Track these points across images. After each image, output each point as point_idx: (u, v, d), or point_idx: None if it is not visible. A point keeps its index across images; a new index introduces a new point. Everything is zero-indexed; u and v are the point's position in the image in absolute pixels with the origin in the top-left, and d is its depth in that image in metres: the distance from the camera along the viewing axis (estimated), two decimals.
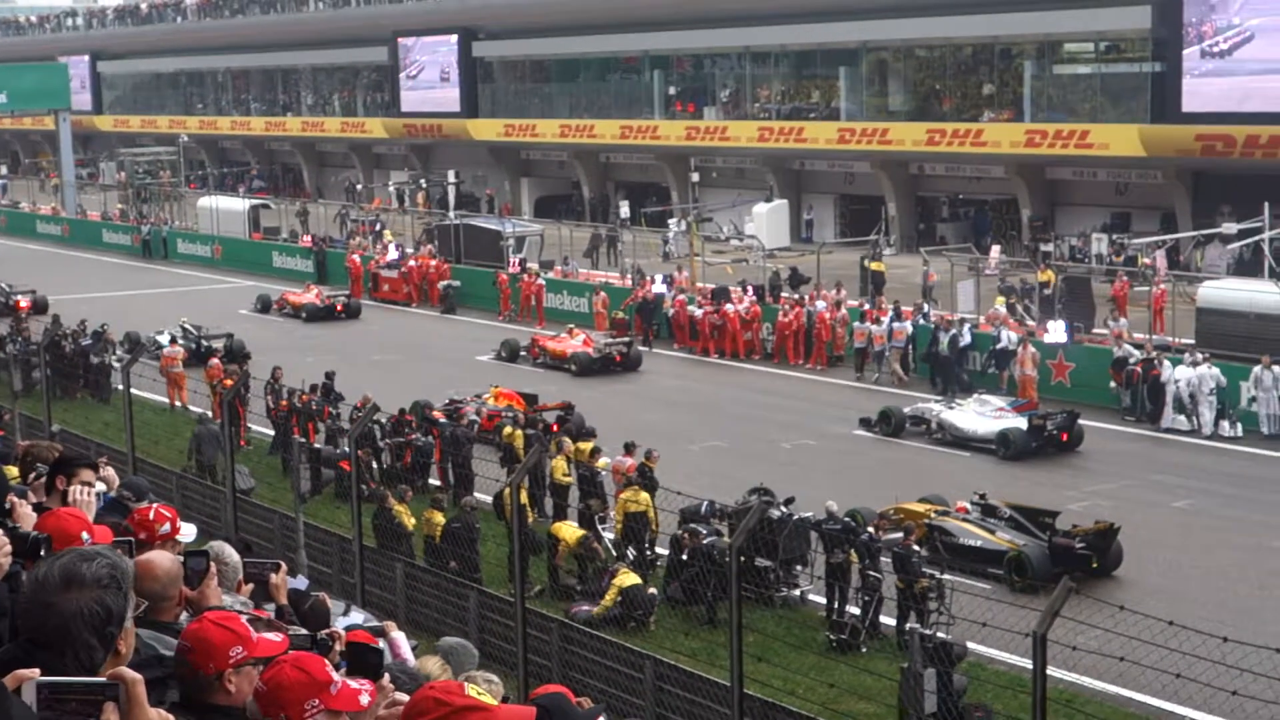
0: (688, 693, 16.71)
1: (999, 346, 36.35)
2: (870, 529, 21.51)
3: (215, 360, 35.78)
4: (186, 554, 6.51)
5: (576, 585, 22.34)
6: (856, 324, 39.30)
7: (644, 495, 23.47)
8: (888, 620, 20.51)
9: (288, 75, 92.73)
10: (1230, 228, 48.44)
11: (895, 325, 38.38)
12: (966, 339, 36.98)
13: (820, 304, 41.31)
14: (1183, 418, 32.35)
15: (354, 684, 5.29)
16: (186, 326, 42.06)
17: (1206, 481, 28.80)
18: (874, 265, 50.41)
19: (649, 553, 23.24)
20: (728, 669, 15.58)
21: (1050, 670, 13.47)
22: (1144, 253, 50.98)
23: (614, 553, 22.88)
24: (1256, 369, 31.86)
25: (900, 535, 21.13)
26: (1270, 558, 24.25)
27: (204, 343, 40.76)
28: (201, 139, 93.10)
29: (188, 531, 7.20)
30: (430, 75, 79.10)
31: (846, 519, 22.14)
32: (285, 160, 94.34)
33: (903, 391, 35.97)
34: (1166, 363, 33.10)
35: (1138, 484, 28.57)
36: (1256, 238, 45.55)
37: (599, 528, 23.71)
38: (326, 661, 5.41)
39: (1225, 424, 31.89)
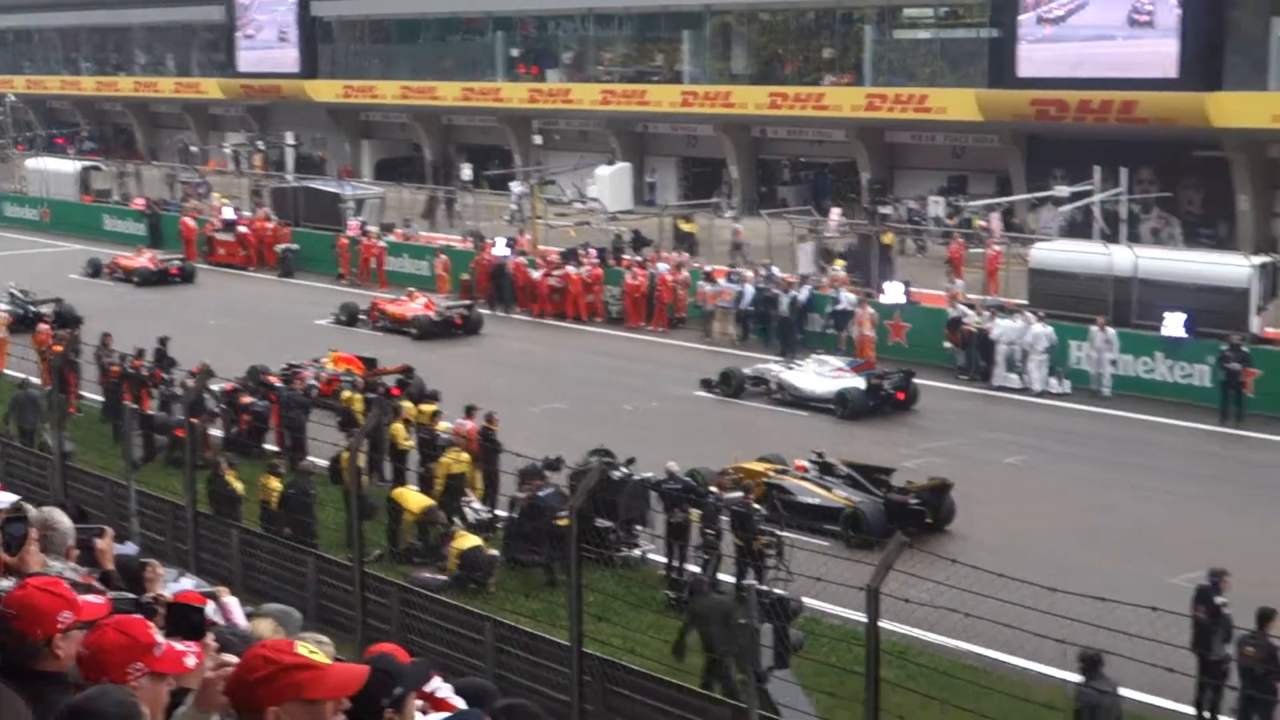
0: (528, 653, 16.73)
1: (838, 308, 36.81)
2: (711, 488, 21.67)
3: (44, 326, 35.01)
4: (4, 520, 6.37)
5: (417, 544, 22.27)
6: (703, 284, 39.63)
7: (465, 456, 23.75)
8: (726, 578, 20.68)
9: (119, 34, 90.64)
10: (1062, 190, 49.34)
11: (725, 285, 38.83)
12: (805, 300, 37.38)
13: (662, 266, 41.47)
14: (1014, 376, 33.03)
15: (180, 646, 5.21)
16: (14, 292, 41.05)
17: (1037, 438, 29.44)
18: (685, 226, 51.33)
19: (477, 512, 23.24)
20: (568, 629, 15.67)
21: (884, 623, 13.69)
22: (979, 215, 51.83)
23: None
24: (1094, 329, 32.60)
25: (740, 494, 21.30)
26: (1096, 512, 24.86)
27: (32, 308, 39.82)
28: (29, 99, 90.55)
29: None
30: (268, 35, 77.86)
31: (687, 479, 22.31)
32: (117, 121, 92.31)
33: (743, 353, 36.26)
34: (998, 321, 33.80)
35: (971, 441, 29.12)
36: (1087, 200, 46.48)
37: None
38: (151, 624, 5.33)
39: (1054, 381, 32.63)
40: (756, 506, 21.21)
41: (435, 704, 6.79)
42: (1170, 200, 51.65)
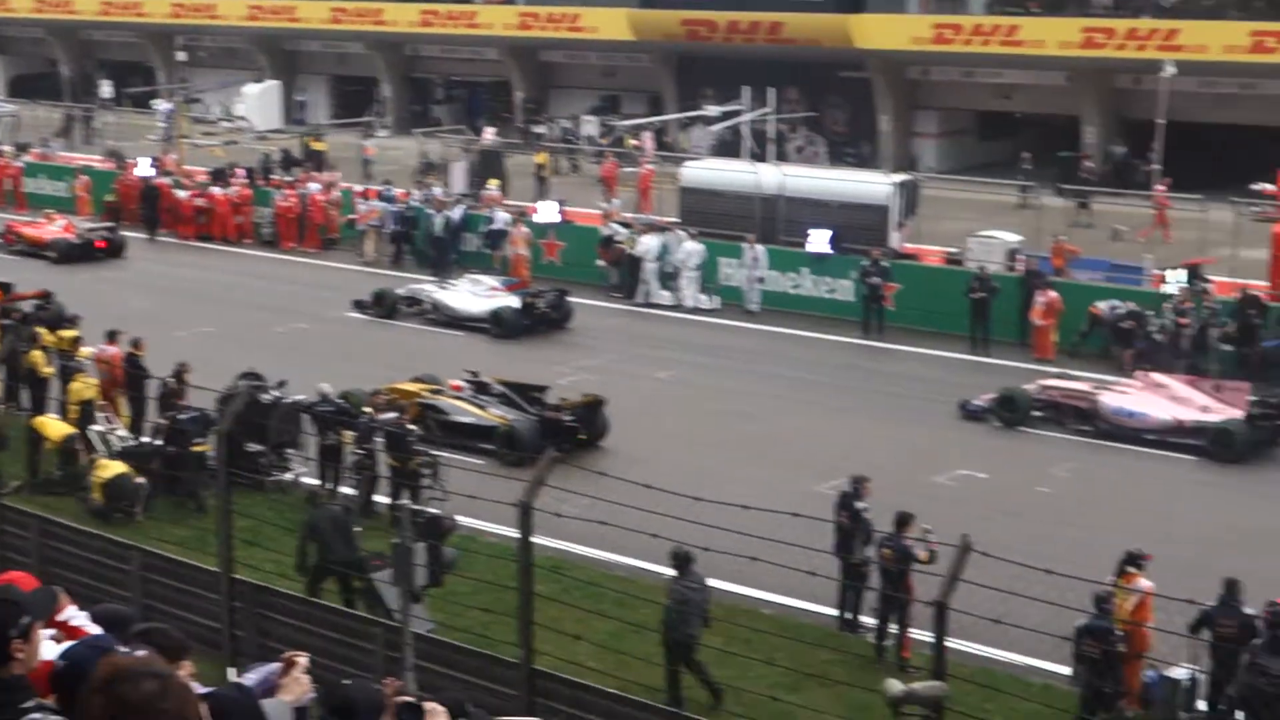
0: (176, 581, 16.34)
1: (492, 227, 36.77)
2: (365, 409, 21.49)
3: None
4: None
5: (58, 473, 21.52)
6: (359, 203, 39.22)
7: (94, 380, 23.31)
8: (382, 499, 20.59)
9: None
10: (713, 110, 50.24)
11: (375, 205, 38.55)
12: (459, 219, 37.25)
13: (313, 186, 40.76)
14: (666, 293, 33.56)
15: None
16: None
17: (688, 353, 30.03)
18: (315, 144, 50.92)
19: (123, 440, 22.56)
20: (217, 555, 15.39)
21: (538, 539, 13.81)
22: (632, 134, 52.36)
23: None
24: (744, 246, 33.28)
25: (394, 415, 21.17)
26: (745, 423, 25.52)
27: None
28: None
29: None
30: None
31: (340, 400, 22.06)
32: None
33: (397, 273, 35.96)
34: (644, 239, 34.23)
35: (624, 358, 29.53)
36: (737, 120, 47.39)
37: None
38: None
39: (705, 298, 33.29)
40: (411, 427, 21.16)
41: (69, 632, 6.59)
42: (816, 120, 53.12)
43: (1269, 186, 42.39)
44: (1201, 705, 15.28)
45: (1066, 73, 47.82)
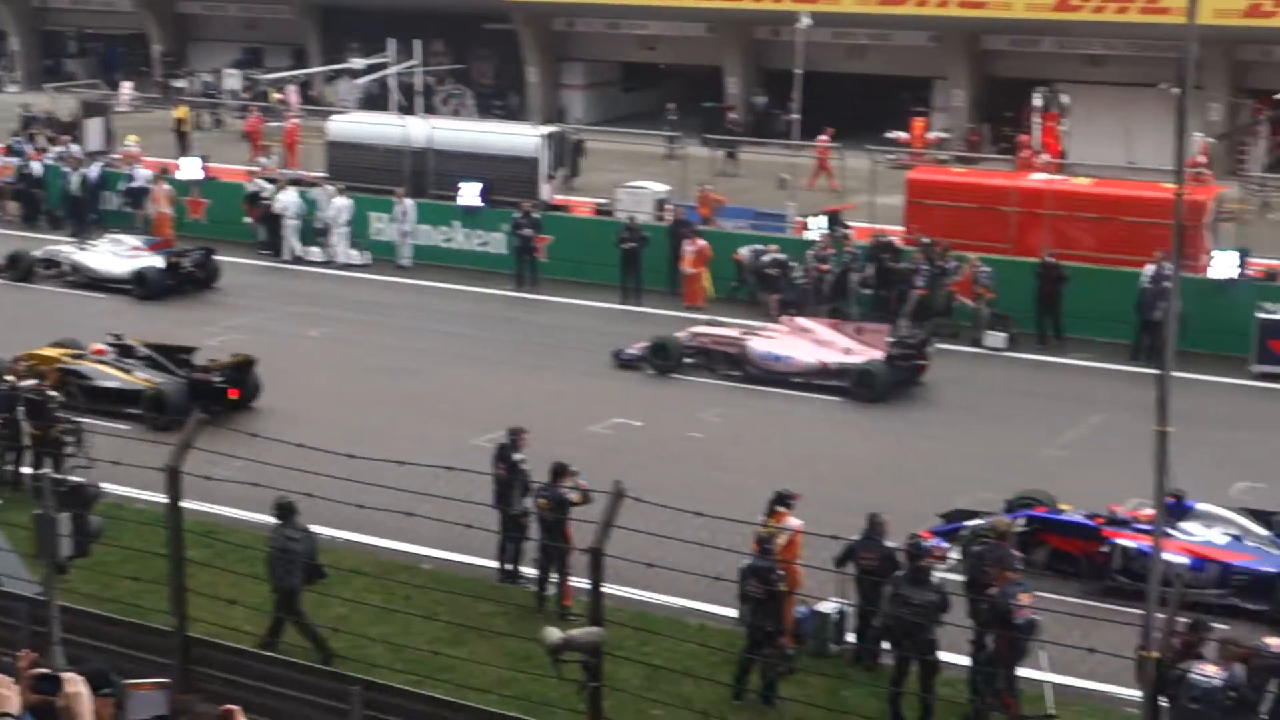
0: None
1: (133, 185, 35.65)
2: (6, 377, 20.63)
3: None
4: None
5: None
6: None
7: None
8: (26, 470, 19.83)
9: None
10: (358, 63, 49.66)
11: (6, 161, 37.13)
12: (96, 177, 35.98)
13: None
14: (316, 249, 33.06)
15: None
16: None
17: (340, 310, 29.72)
18: None
19: None
20: None
21: (188, 504, 13.49)
22: (276, 88, 51.35)
23: None
24: (394, 200, 32.97)
25: (34, 381, 20.39)
26: (401, 379, 25.39)
27: None
28: None
29: None
30: None
31: None
32: None
33: (33, 234, 34.60)
34: (282, 195, 33.60)
35: (274, 316, 29.05)
36: (383, 73, 46.91)
37: None
38: None
39: (355, 253, 32.90)
40: (52, 393, 20.43)
41: None
42: (463, 72, 52.98)
43: (902, 135, 44.23)
44: (850, 637, 15.89)
45: (708, 24, 48.71)
